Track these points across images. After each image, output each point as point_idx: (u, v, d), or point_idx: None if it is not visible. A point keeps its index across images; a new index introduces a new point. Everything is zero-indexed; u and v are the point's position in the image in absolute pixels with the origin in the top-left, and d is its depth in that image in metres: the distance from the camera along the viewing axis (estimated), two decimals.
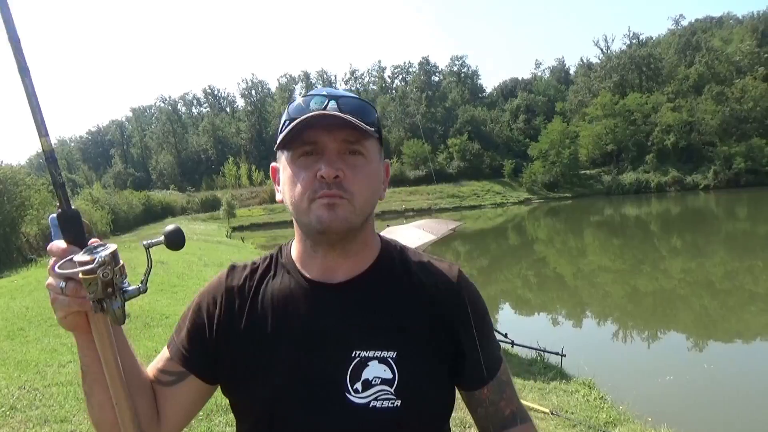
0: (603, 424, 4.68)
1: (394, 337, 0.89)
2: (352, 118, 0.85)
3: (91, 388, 0.85)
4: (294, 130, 0.85)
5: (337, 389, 0.86)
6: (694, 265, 16.31)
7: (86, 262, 0.74)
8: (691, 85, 56.34)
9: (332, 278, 0.92)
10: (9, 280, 13.32)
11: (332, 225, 0.85)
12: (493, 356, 0.99)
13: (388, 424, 0.86)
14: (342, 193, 0.85)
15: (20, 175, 20.93)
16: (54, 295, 0.76)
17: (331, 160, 0.86)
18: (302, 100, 0.89)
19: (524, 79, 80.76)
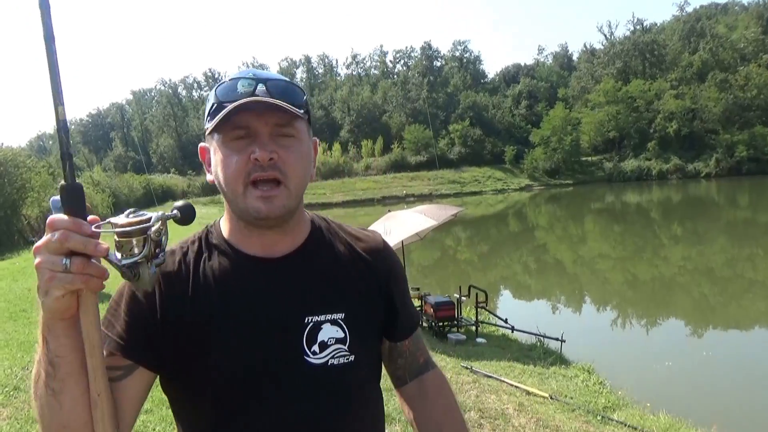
0: (602, 409, 4.72)
1: (339, 300, 0.97)
2: (283, 103, 0.87)
3: (63, 384, 0.76)
4: (225, 115, 0.86)
5: (296, 354, 0.91)
6: (694, 253, 16.33)
7: (140, 219, 0.74)
8: (695, 72, 55.93)
9: (272, 253, 0.95)
10: (11, 262, 13.37)
11: (270, 214, 0.89)
12: (414, 311, 1.15)
13: (346, 378, 0.94)
14: (276, 174, 0.88)
15: (21, 158, 20.92)
16: (51, 273, 0.71)
17: (264, 143, 0.87)
18: (229, 82, 0.90)
19: (527, 64, 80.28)
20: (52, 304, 0.72)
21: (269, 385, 0.90)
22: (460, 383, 4.86)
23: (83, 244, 0.71)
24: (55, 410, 0.77)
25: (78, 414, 0.77)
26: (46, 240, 0.72)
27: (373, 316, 1.02)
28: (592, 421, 4.34)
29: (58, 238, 0.71)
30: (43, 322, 0.75)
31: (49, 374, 0.76)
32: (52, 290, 0.71)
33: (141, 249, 0.74)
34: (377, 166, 58.83)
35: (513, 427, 3.91)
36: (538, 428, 3.91)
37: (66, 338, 0.75)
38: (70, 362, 0.76)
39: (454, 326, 7.42)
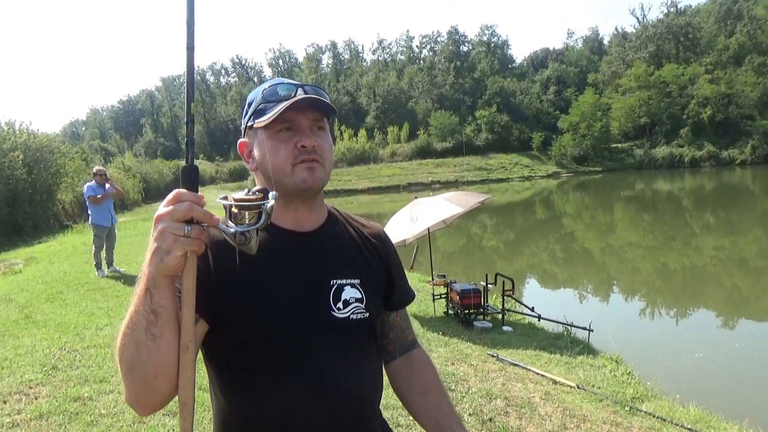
0: (630, 400, 4.67)
1: (355, 269, 1.19)
2: (324, 99, 1.11)
3: (162, 330, 0.90)
4: (280, 112, 1.08)
5: (325, 308, 1.12)
6: (727, 243, 15.95)
7: (258, 197, 0.92)
8: (731, 56, 54.22)
9: (303, 228, 1.17)
10: (47, 246, 13.77)
11: (314, 184, 1.11)
12: (409, 289, 1.38)
13: (362, 329, 1.16)
14: (318, 158, 1.11)
15: (55, 144, 21.39)
16: (175, 237, 0.85)
17: (307, 134, 1.11)
18: (269, 88, 1.14)
19: (556, 49, 78.86)
20: (171, 262, 0.86)
21: (304, 333, 1.09)
22: (486, 371, 4.86)
23: (203, 215, 0.88)
24: (153, 352, 0.90)
25: (171, 355, 0.91)
26: (172, 209, 0.87)
27: (379, 285, 1.24)
28: (619, 411, 4.30)
29: (186, 208, 0.87)
30: (150, 278, 0.88)
31: (150, 322, 0.89)
32: (174, 251, 0.86)
33: (255, 220, 0.91)
34: (403, 153, 58.65)
35: (539, 415, 3.90)
36: (564, 417, 3.90)
37: (168, 291, 0.90)
38: (169, 312, 0.90)
39: (480, 314, 7.40)
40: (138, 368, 0.92)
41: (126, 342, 0.92)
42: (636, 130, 56.52)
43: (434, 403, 1.28)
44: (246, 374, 1.07)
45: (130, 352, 0.91)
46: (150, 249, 0.88)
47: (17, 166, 17.37)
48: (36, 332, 5.48)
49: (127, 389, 0.96)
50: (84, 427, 3.30)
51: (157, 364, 0.91)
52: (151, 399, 0.96)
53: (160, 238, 0.86)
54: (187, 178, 0.92)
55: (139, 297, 0.90)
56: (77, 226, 17.45)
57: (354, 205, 36.75)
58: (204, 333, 1.05)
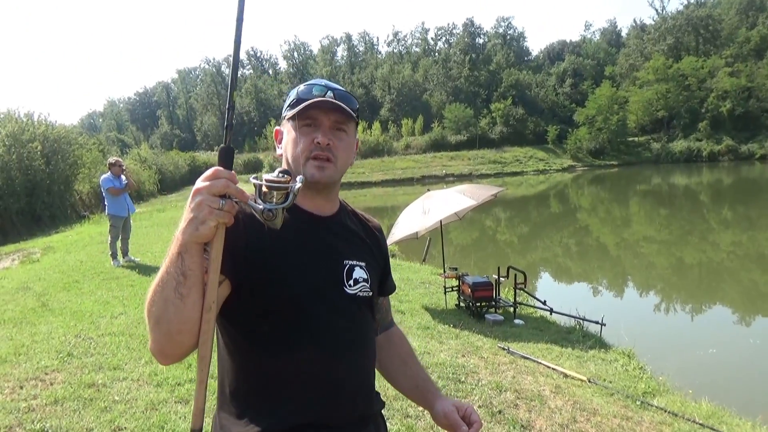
0: (641, 394, 4.64)
1: (362, 254, 1.34)
2: (343, 105, 1.24)
3: (189, 290, 0.99)
4: (303, 108, 1.23)
5: (339, 284, 1.26)
6: (745, 238, 15.72)
7: (287, 179, 1.03)
8: (752, 49, 53.23)
9: (322, 212, 1.31)
10: (64, 235, 13.96)
11: (321, 180, 1.24)
12: (393, 281, 1.54)
13: (367, 305, 1.33)
14: (330, 156, 1.24)
15: (73, 135, 21.65)
16: (210, 209, 0.96)
17: (325, 132, 1.24)
18: (306, 87, 1.28)
19: (572, 41, 78.05)
20: (205, 231, 0.96)
21: (323, 304, 1.22)
22: (497, 364, 4.85)
23: (236, 191, 0.99)
24: (180, 309, 1.00)
25: (195, 313, 1.01)
26: (210, 184, 0.97)
27: (378, 271, 1.39)
28: (630, 405, 4.28)
29: (223, 184, 0.97)
30: (183, 243, 0.98)
31: (179, 282, 0.99)
32: (208, 221, 0.96)
33: (282, 199, 1.02)
34: (417, 145, 58.47)
35: (549, 408, 3.89)
36: (574, 411, 3.89)
37: (198, 257, 0.99)
38: (197, 275, 1.00)
39: (491, 307, 7.38)
40: (164, 322, 1.01)
41: (155, 298, 1.01)
42: (653, 123, 55.79)
43: (413, 370, 1.49)
44: (266, 338, 1.18)
45: (159, 307, 1.01)
46: (185, 218, 0.98)
47: (35, 157, 17.61)
48: (52, 320, 5.56)
49: (153, 340, 1.05)
50: (98, 412, 3.35)
51: (182, 320, 1.00)
52: (173, 350, 1.05)
53: (197, 208, 0.96)
54: (224, 158, 1.03)
55: (171, 259, 1.00)
56: (94, 217, 17.67)
57: (368, 197, 36.77)
58: (225, 295, 1.13)
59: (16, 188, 16.64)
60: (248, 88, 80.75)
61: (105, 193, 8.74)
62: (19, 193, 16.72)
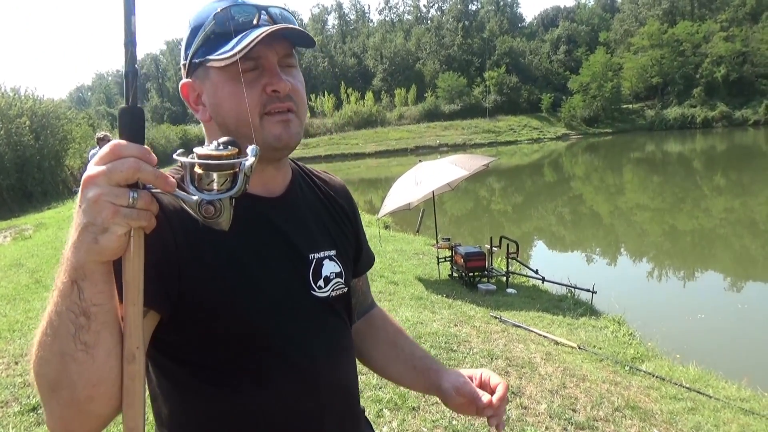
0: (630, 360, 4.73)
1: (330, 237, 1.02)
2: (301, 29, 0.87)
3: (97, 336, 0.67)
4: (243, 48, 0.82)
5: (305, 289, 0.95)
6: (737, 204, 15.82)
7: (232, 152, 0.67)
8: (748, 12, 52.70)
9: (272, 192, 0.96)
10: (56, 212, 13.91)
11: (289, 142, 0.90)
12: (370, 251, 1.20)
13: (342, 307, 1.02)
14: (293, 106, 0.89)
15: (61, 109, 21.40)
16: (115, 208, 0.62)
17: (278, 74, 0.87)
18: (221, 12, 0.85)
19: (567, 7, 77.19)
20: (110, 243, 0.63)
21: (288, 319, 0.91)
22: (489, 332, 4.91)
23: (154, 176, 0.64)
24: (85, 366, 0.67)
25: (110, 368, 0.69)
26: (108, 168, 0.63)
27: (350, 253, 1.08)
28: (619, 371, 4.36)
29: (130, 167, 0.63)
30: (77, 267, 0.64)
31: (80, 326, 0.66)
32: (113, 227, 0.63)
33: (227, 184, 0.67)
34: (410, 116, 58.08)
35: (539, 375, 3.96)
36: (564, 377, 3.96)
37: (104, 284, 0.66)
38: (108, 311, 0.67)
39: (484, 276, 7.45)
40: (65, 388, 0.68)
41: (45, 355, 0.68)
42: (647, 90, 55.54)
43: (407, 351, 1.15)
44: (224, 374, 0.88)
45: (53, 368, 0.68)
46: (77, 225, 0.64)
47: (24, 132, 17.41)
48: (46, 296, 5.47)
49: (50, 415, 0.71)
50: None
51: (92, 382, 0.68)
52: (84, 425, 0.72)
53: (94, 209, 0.62)
54: (128, 125, 0.66)
55: (61, 292, 0.66)
56: None
57: (362, 168, 36.66)
58: (152, 328, 0.81)
59: (6, 164, 16.50)
60: None
61: None
62: (9, 170, 16.58)
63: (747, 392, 4.29)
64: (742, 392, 4.27)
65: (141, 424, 0.70)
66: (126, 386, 0.70)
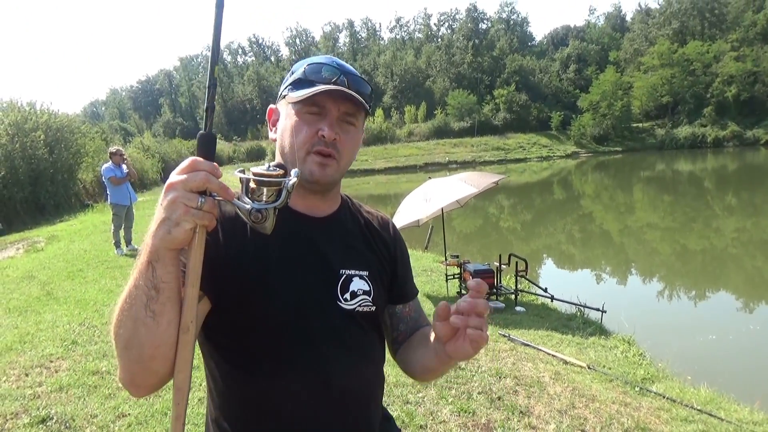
0: (640, 380, 4.67)
1: (364, 260, 1.16)
2: (357, 96, 1.06)
3: (163, 307, 0.84)
4: (310, 95, 1.03)
5: (331, 299, 1.08)
6: (749, 224, 15.68)
7: (279, 173, 0.88)
8: (759, 33, 52.71)
9: (316, 213, 1.14)
10: (68, 224, 14.03)
11: (321, 180, 1.07)
12: (413, 283, 1.31)
13: (368, 324, 1.13)
14: (333, 152, 1.06)
15: (76, 124, 21.64)
16: (186, 208, 0.80)
17: (332, 124, 1.06)
18: (314, 65, 1.08)
19: (577, 26, 77.56)
20: (180, 234, 0.81)
21: (310, 323, 1.05)
22: (497, 350, 4.89)
23: (218, 187, 0.83)
24: (152, 330, 0.84)
25: (170, 334, 0.86)
26: (186, 178, 0.81)
27: (385, 278, 1.20)
28: (629, 392, 4.31)
29: (202, 178, 0.82)
30: (153, 251, 0.82)
31: (151, 298, 0.83)
32: (183, 223, 0.81)
33: (273, 197, 0.87)
34: (420, 133, 58.32)
35: (548, 395, 3.93)
36: (573, 397, 3.92)
37: (172, 266, 0.84)
38: (172, 288, 0.85)
39: (492, 294, 7.41)
40: (135, 347, 0.85)
41: (123, 318, 0.86)
42: (658, 109, 55.47)
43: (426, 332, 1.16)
44: (249, 359, 1.03)
45: (128, 329, 0.85)
46: (157, 219, 0.82)
47: (39, 146, 17.63)
48: (57, 308, 5.62)
49: (122, 368, 0.89)
50: (102, 399, 3.40)
51: (155, 344, 0.85)
52: (146, 380, 0.89)
53: (171, 207, 0.81)
54: (204, 146, 0.86)
55: (140, 270, 0.84)
56: (97, 206, 17.74)
57: (371, 185, 36.74)
58: (206, 312, 0.99)
59: (20, 177, 16.69)
60: (250, 75, 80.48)
61: (107, 183, 8.78)
62: (22, 182, 16.77)
63: (760, 415, 4.22)
64: (754, 415, 4.20)
65: (187, 386, 0.88)
66: (178, 352, 0.87)
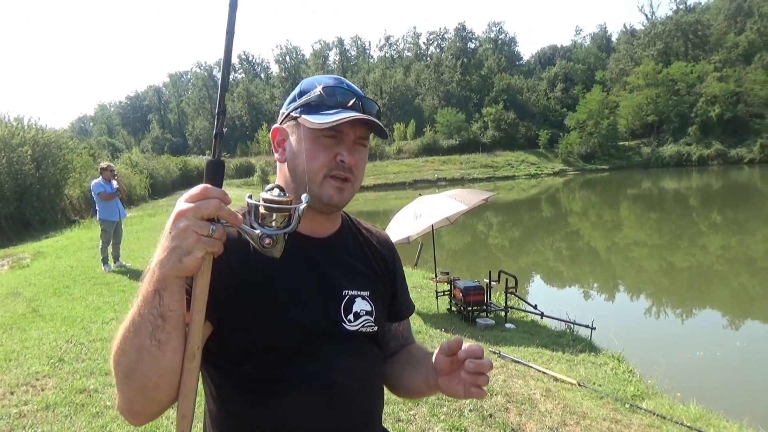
0: (630, 397, 4.69)
1: (366, 280, 1.15)
2: (381, 124, 1.08)
3: (169, 335, 0.83)
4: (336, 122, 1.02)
5: (335, 320, 1.08)
6: (734, 242, 15.88)
7: (289, 198, 0.88)
8: (741, 54, 53.88)
9: (319, 234, 1.13)
10: (54, 240, 13.86)
11: (338, 204, 1.08)
12: (410, 301, 1.33)
13: (370, 343, 1.14)
14: (351, 177, 1.07)
15: (63, 139, 21.48)
16: (198, 237, 0.79)
17: (350, 150, 1.06)
18: (328, 88, 1.07)
19: (563, 46, 78.76)
20: (192, 263, 0.80)
21: (316, 344, 1.04)
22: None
23: (229, 214, 0.83)
24: (157, 359, 0.83)
25: (175, 362, 0.85)
26: (197, 206, 0.80)
27: (386, 297, 1.21)
28: (620, 408, 4.32)
29: (215, 206, 0.81)
30: (161, 279, 0.81)
31: (157, 327, 0.82)
32: (195, 251, 0.80)
33: (284, 223, 0.87)
34: (409, 150, 58.62)
35: (539, 412, 3.93)
36: (564, 414, 3.92)
37: (180, 294, 0.83)
38: (179, 316, 0.84)
39: (482, 311, 7.42)
40: (138, 376, 0.84)
41: (125, 347, 0.84)
42: (643, 128, 56.28)
43: (418, 356, 1.20)
44: (253, 382, 1.01)
45: (131, 358, 0.84)
46: (165, 246, 0.81)
47: (26, 161, 17.47)
48: (43, 325, 5.54)
49: (122, 397, 0.88)
50: (89, 418, 3.35)
51: (160, 372, 0.84)
52: (147, 408, 0.89)
53: (182, 236, 0.79)
54: (212, 172, 0.86)
55: (145, 298, 0.83)
56: (84, 222, 17.57)
57: (360, 201, 36.78)
58: (206, 336, 0.97)
59: (6, 193, 16.50)
60: (240, 92, 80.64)
61: (96, 198, 8.72)
62: (8, 198, 16.57)
63: (749, 431, 4.25)
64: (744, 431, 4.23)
65: (192, 413, 0.86)
66: (184, 379, 0.86)
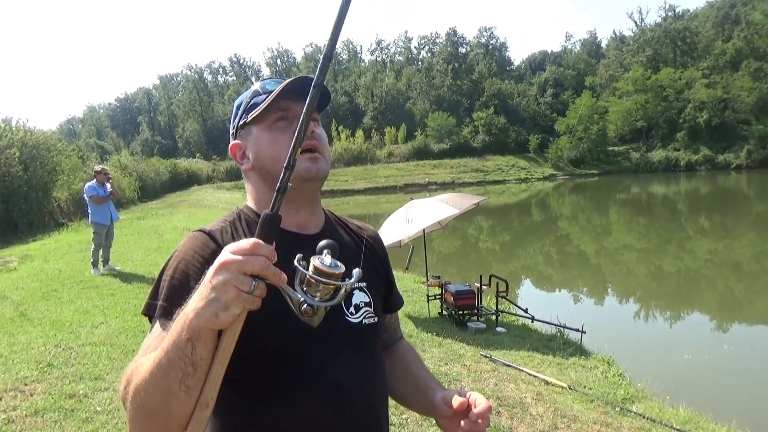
0: (621, 401, 4.72)
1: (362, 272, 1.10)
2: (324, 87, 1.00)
3: (197, 382, 0.84)
4: (274, 99, 1.04)
5: (339, 314, 1.07)
6: (721, 246, 16.04)
7: (340, 272, 0.85)
8: (728, 61, 54.46)
9: (308, 231, 1.13)
10: (42, 243, 13.74)
11: (318, 174, 1.08)
12: (399, 294, 1.35)
13: (372, 334, 1.14)
14: (316, 144, 1.08)
15: (51, 141, 21.30)
16: (238, 293, 0.78)
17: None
18: (257, 88, 1.10)
19: (554, 52, 79.11)
20: (228, 318, 0.79)
21: (321, 342, 1.03)
22: (479, 371, 4.90)
23: (274, 274, 0.81)
24: (183, 403, 0.84)
25: (192, 408, 0.85)
26: (243, 260, 0.78)
27: (380, 288, 1.22)
28: (610, 412, 4.35)
29: (260, 264, 0.79)
30: (196, 329, 0.80)
31: (187, 374, 0.82)
32: (233, 307, 0.79)
33: (329, 295, 0.85)
34: (400, 154, 58.66)
35: (531, 415, 3.95)
36: (555, 417, 3.94)
37: (212, 344, 0.82)
38: (208, 364, 0.83)
39: (474, 315, 7.44)
40: (161, 416, 0.85)
41: (150, 389, 0.84)
42: (632, 133, 56.69)
43: (415, 374, 1.24)
44: (260, 389, 1.00)
45: (156, 400, 0.84)
46: (204, 296, 0.80)
47: (13, 163, 17.30)
48: (31, 330, 5.49)
49: (136, 429, 0.89)
50: (79, 423, 3.32)
51: (185, 413, 0.85)
52: None
53: (222, 289, 0.78)
54: (266, 228, 0.82)
55: (176, 344, 0.82)
56: (73, 224, 17.41)
57: (351, 205, 36.76)
58: None
59: None
60: (231, 95, 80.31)
61: (88, 201, 8.66)
62: None
63: None
64: None
65: None
66: (191, 428, 0.85)
